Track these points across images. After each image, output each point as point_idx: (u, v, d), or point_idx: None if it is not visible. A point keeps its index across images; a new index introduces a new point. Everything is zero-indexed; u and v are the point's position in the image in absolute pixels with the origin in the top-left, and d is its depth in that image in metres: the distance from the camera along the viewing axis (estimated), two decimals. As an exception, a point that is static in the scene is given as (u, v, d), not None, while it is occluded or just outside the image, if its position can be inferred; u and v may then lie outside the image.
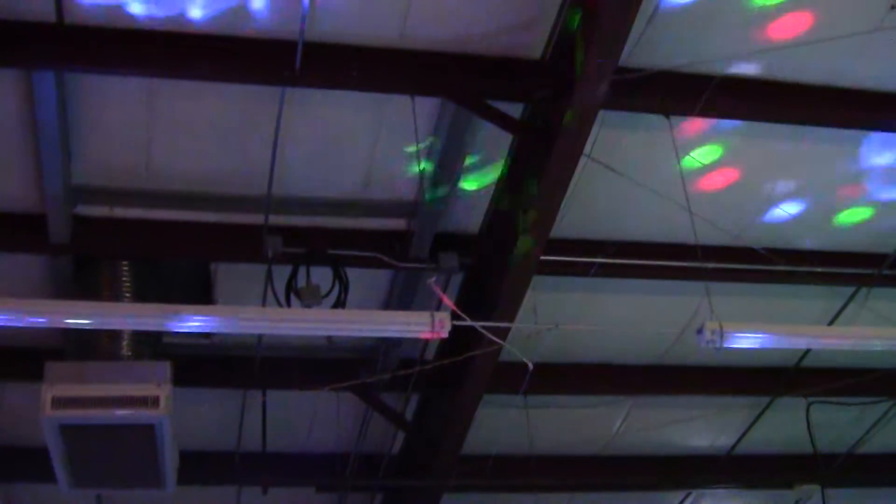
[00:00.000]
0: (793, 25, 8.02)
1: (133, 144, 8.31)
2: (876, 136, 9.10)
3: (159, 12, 7.32)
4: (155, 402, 8.46)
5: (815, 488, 12.77)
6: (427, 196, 8.77)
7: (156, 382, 8.51)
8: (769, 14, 7.93)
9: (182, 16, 7.37)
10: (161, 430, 8.62)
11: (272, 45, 7.57)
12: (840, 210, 9.83)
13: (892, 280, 10.47)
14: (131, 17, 7.32)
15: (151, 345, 9.04)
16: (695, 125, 8.70)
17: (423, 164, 8.52)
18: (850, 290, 10.65)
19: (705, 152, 8.95)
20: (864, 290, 10.61)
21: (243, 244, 8.94)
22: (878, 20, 8.02)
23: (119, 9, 7.26)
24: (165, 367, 8.60)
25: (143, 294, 8.85)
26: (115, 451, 8.84)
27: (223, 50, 7.56)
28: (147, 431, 8.63)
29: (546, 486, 12.37)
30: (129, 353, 8.85)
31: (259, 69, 7.67)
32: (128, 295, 8.88)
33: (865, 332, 8.38)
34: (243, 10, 7.40)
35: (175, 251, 9.12)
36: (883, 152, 9.27)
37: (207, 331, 8.14)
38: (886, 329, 8.37)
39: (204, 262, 9.40)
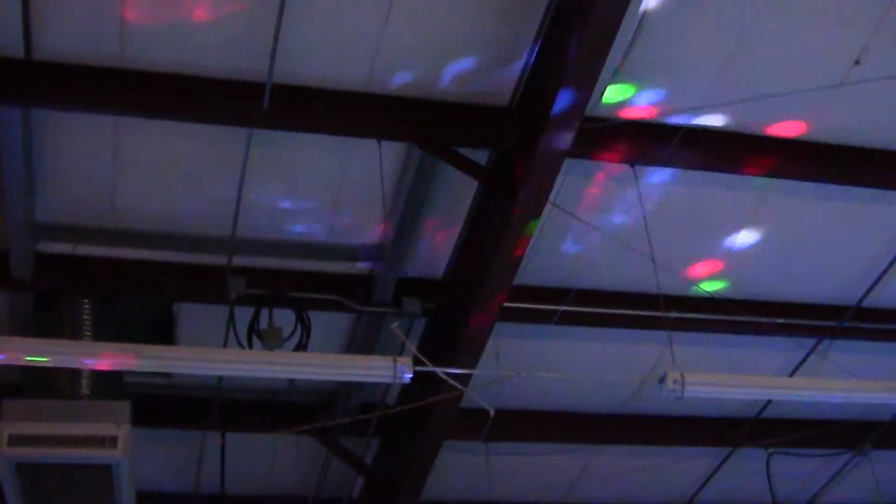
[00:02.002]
0: (759, 78, 8.08)
1: (98, 182, 8.27)
2: (840, 189, 9.15)
3: (128, 51, 7.30)
4: (113, 442, 8.39)
5: (774, 539, 12.79)
6: (391, 241, 8.76)
7: (114, 422, 8.44)
8: (733, 67, 7.98)
9: (151, 55, 7.36)
10: (118, 471, 8.55)
11: (240, 85, 7.56)
12: (802, 262, 9.87)
13: (853, 333, 10.52)
14: (100, 54, 7.30)
15: (111, 384, 8.96)
16: (661, 174, 8.74)
17: (388, 208, 8.52)
18: (812, 341, 10.68)
19: (670, 202, 8.98)
20: (825, 342, 10.66)
21: (206, 285, 8.91)
22: (843, 75, 8.10)
23: (88, 46, 7.24)
24: (124, 407, 8.54)
25: (104, 333, 8.78)
26: (72, 490, 8.76)
27: (191, 90, 7.55)
28: (104, 472, 8.56)
29: (506, 532, 12.34)
30: (88, 392, 8.78)
31: (226, 110, 7.66)
32: (88, 333, 8.81)
33: (826, 385, 8.39)
34: (212, 50, 7.39)
35: (137, 290, 9.06)
36: (847, 205, 9.32)
37: (168, 371, 8.09)
38: (847, 381, 8.41)
39: (166, 302, 9.35)
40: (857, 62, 8.05)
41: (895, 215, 9.49)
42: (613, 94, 8.03)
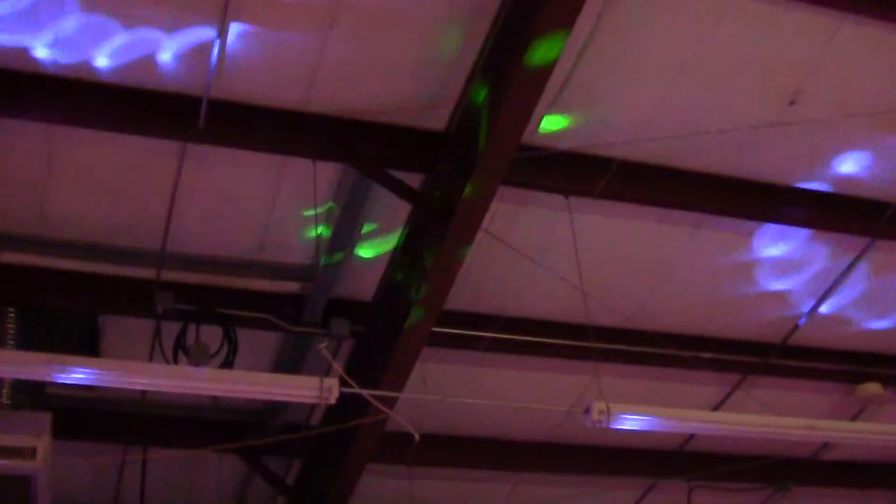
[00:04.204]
0: (693, 115, 8.15)
1: (28, 190, 8.18)
2: (769, 228, 9.23)
3: (65, 59, 7.24)
4: (32, 453, 8.28)
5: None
6: (322, 261, 8.74)
7: (34, 433, 8.33)
8: (669, 102, 8.04)
9: (87, 64, 7.30)
10: (37, 483, 8.43)
11: (177, 99, 7.53)
12: (731, 298, 9.94)
13: (778, 370, 10.61)
14: (36, 61, 7.24)
15: (32, 395, 8.85)
16: (594, 206, 8.77)
17: (320, 229, 8.50)
18: (737, 377, 10.76)
19: (602, 233, 9.02)
20: (750, 378, 10.74)
21: (134, 298, 8.83)
22: (777, 115, 8.18)
23: (24, 52, 7.17)
24: (45, 419, 8.43)
25: (28, 342, 8.67)
26: (-11, 501, 8.64)
27: (127, 101, 7.50)
28: (22, 483, 8.44)
29: (426, 558, 12.30)
30: (9, 402, 8.67)
31: (162, 123, 7.62)
32: (11, 342, 8.69)
33: (749, 420, 8.46)
34: (150, 63, 7.34)
35: (64, 301, 8.95)
36: (776, 244, 9.41)
37: (91, 384, 7.99)
38: (770, 417, 8.47)
39: (92, 314, 9.25)
40: (791, 103, 8.13)
41: (824, 256, 9.58)
42: (550, 124, 8.06)
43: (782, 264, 9.63)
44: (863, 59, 8.02)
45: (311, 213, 8.36)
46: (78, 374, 7.03)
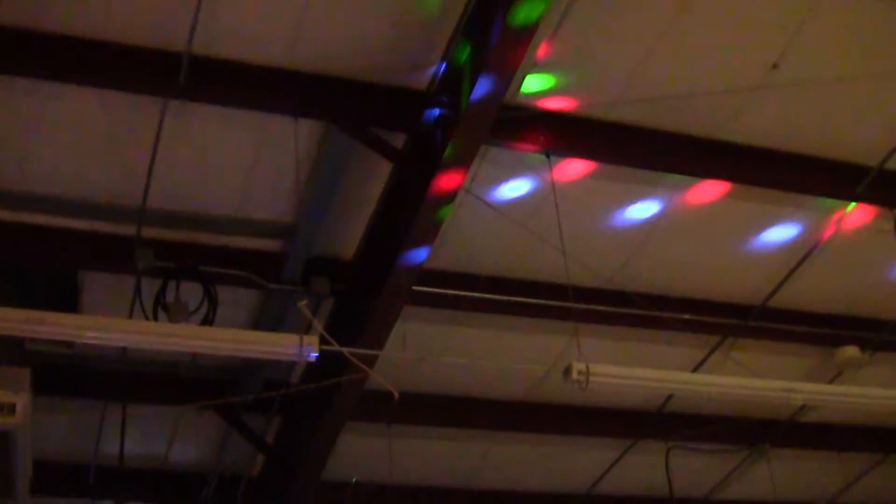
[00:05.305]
0: (676, 77, 8.14)
1: (7, 145, 8.13)
2: (751, 191, 9.24)
3: (45, 14, 7.18)
4: (11, 409, 8.25)
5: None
6: (303, 219, 8.72)
7: (13, 390, 8.30)
8: (652, 64, 8.03)
9: (69, 20, 7.25)
10: (16, 439, 8.41)
11: (158, 55, 7.47)
12: (711, 260, 9.97)
13: (757, 332, 10.65)
14: (16, 16, 7.17)
15: (11, 351, 8.84)
16: (575, 166, 8.77)
17: (301, 186, 8.47)
18: (716, 338, 10.80)
19: (583, 194, 9.02)
20: (729, 339, 10.78)
21: (114, 254, 8.81)
22: (760, 78, 8.18)
23: (4, 8, 7.11)
24: (24, 375, 8.41)
25: (6, 298, 8.64)
26: (-33, 457, 8.63)
27: (109, 57, 7.44)
28: (2, 439, 8.42)
29: (403, 515, 12.37)
30: (-12, 359, 8.66)
31: (143, 79, 7.57)
32: (-11, 298, 8.68)
33: (727, 381, 8.48)
34: (132, 19, 7.29)
35: (43, 257, 8.94)
36: (756, 206, 9.42)
37: (70, 340, 7.98)
38: (748, 379, 8.49)
39: (71, 270, 9.23)
40: (774, 66, 8.13)
41: (804, 218, 9.60)
42: (532, 83, 8.04)
43: (763, 227, 9.64)
44: (845, 22, 8.01)
45: (292, 170, 8.33)
46: (57, 330, 7.00)
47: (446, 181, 7.78)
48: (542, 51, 7.80)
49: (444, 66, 7.82)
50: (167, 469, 11.72)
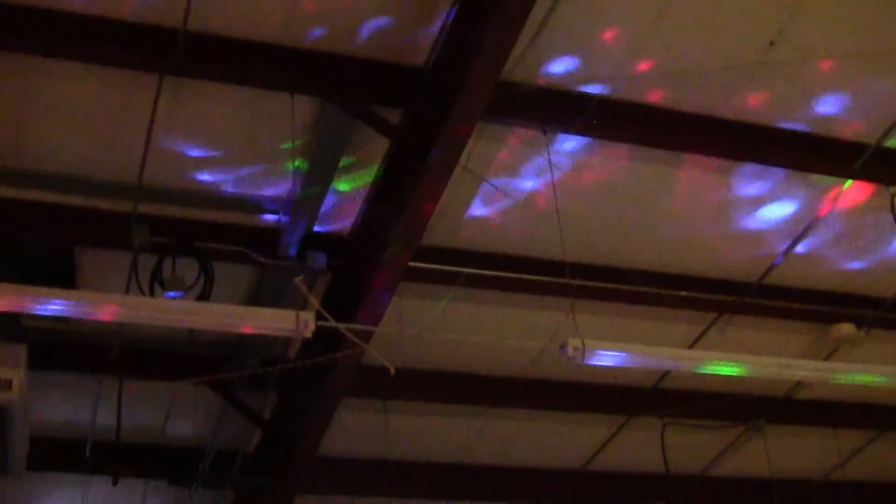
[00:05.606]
0: (673, 54, 8.13)
1: (4, 122, 8.11)
2: (748, 167, 9.24)
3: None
4: (8, 385, 8.27)
5: (664, 508, 12.99)
6: (299, 195, 8.71)
7: (10, 365, 8.32)
8: (650, 41, 8.02)
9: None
10: (13, 415, 8.43)
11: (155, 31, 7.45)
12: (707, 237, 9.97)
13: (753, 309, 10.66)
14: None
15: (8, 326, 8.84)
16: (572, 143, 8.76)
17: (297, 163, 8.47)
18: (712, 315, 10.82)
19: (580, 170, 9.01)
20: (725, 316, 10.79)
21: (110, 231, 8.79)
22: (757, 55, 8.16)
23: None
24: (20, 351, 8.42)
25: (3, 274, 8.61)
26: (-36, 433, 8.65)
27: (104, 33, 7.42)
28: (-1, 415, 8.46)
29: (400, 491, 12.39)
30: (-16, 334, 8.67)
31: (139, 55, 7.54)
32: (-14, 274, 8.67)
33: (723, 358, 8.49)
34: (128, -7, 7.29)
35: (40, 233, 8.92)
36: (753, 183, 9.42)
37: (67, 315, 7.98)
38: (743, 356, 8.51)
39: (68, 247, 9.22)
40: (771, 43, 8.11)
41: (801, 195, 9.60)
42: (529, 59, 8.02)
43: (759, 204, 9.64)
44: (843, -1, 8.02)
45: (288, 146, 8.32)
46: (53, 305, 7.00)
47: (443, 158, 7.78)
48: (539, 26, 7.78)
49: (441, 41, 7.79)
50: (164, 444, 11.74)
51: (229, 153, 8.55)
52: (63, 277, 9.31)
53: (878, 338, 11.29)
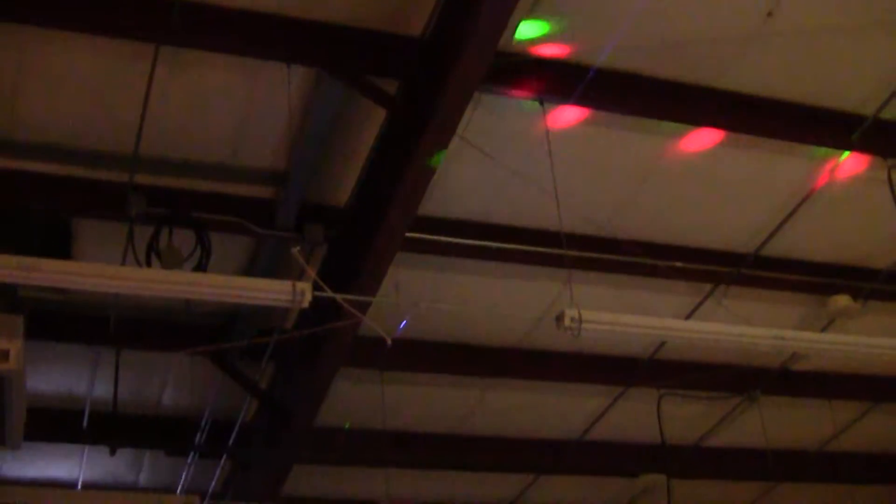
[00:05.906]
0: (670, 25, 8.10)
1: (-1, 92, 8.12)
2: (745, 139, 9.22)
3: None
4: (5, 356, 8.26)
5: (661, 478, 13.01)
6: (296, 165, 8.70)
7: (7, 336, 8.31)
8: (649, 10, 7.99)
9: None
10: (10, 385, 8.43)
11: (151, 0, 7.42)
12: (704, 208, 9.96)
13: (749, 280, 10.66)
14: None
15: (4, 297, 8.82)
16: (569, 114, 8.74)
17: (294, 133, 8.45)
18: (708, 286, 10.82)
19: (577, 141, 9.00)
20: (721, 287, 10.80)
21: (106, 201, 8.79)
22: (754, 26, 8.14)
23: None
24: (17, 321, 8.41)
25: (-1, 245, 8.65)
26: (-39, 404, 8.64)
27: (100, 2, 7.39)
28: (-5, 385, 8.46)
29: (397, 461, 12.43)
30: (-19, 305, 8.65)
31: (134, 24, 7.51)
32: (-18, 245, 8.66)
33: (719, 329, 8.49)
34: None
35: (36, 203, 8.92)
36: (750, 154, 9.41)
37: (63, 286, 7.97)
38: (739, 326, 8.52)
39: (64, 217, 9.21)
40: (769, 14, 8.09)
41: (798, 167, 9.59)
42: (527, 29, 8.00)
43: (757, 174, 9.63)
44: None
45: (284, 116, 8.30)
46: (49, 276, 7.00)
47: (439, 128, 7.76)
48: (536, -3, 7.77)
49: (437, 11, 7.76)
50: (160, 414, 11.77)
51: (226, 123, 8.54)
52: (59, 248, 9.31)
53: (874, 309, 11.30)
